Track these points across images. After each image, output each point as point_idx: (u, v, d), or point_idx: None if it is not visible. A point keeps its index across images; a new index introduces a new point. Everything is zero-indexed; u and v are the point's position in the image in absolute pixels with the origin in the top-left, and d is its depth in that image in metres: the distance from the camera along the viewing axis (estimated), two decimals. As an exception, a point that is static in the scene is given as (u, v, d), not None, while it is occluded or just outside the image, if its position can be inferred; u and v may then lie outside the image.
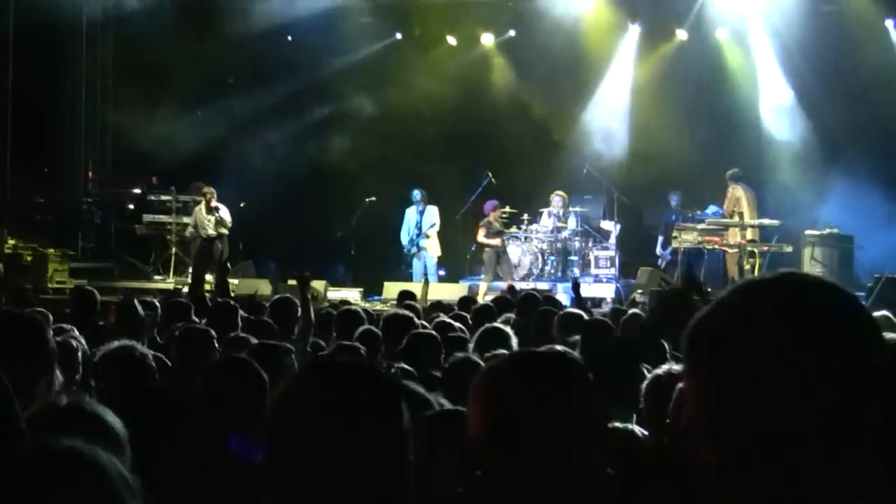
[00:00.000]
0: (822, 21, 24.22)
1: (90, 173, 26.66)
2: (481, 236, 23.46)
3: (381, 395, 2.66)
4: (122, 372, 6.33)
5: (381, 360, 8.13)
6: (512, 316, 11.40)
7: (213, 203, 22.71)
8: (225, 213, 22.81)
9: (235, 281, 22.85)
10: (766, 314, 1.95)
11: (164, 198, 24.99)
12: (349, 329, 9.75)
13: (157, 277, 24.18)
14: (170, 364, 7.38)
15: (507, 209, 24.19)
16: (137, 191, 26.24)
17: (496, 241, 23.38)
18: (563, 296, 19.94)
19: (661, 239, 24.18)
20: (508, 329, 8.22)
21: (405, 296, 14.69)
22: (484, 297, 18.88)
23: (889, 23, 24.66)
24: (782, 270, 2.06)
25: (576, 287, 14.48)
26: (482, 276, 23.53)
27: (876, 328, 1.99)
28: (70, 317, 10.31)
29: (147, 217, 25.06)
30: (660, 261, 23.97)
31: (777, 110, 25.10)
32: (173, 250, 24.40)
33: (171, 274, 24.15)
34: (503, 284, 21.61)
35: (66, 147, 26.12)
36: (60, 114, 25.76)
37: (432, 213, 24.09)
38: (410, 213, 24.13)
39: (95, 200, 26.31)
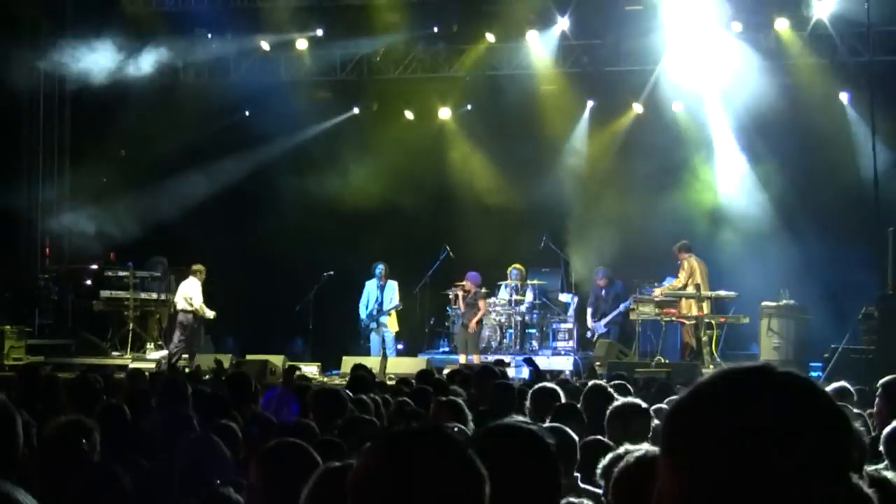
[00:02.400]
0: (777, 93, 24.50)
1: (47, 249, 26.56)
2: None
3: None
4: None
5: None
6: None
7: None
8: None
9: (193, 356, 22.87)
10: (754, 411, 1.97)
11: (121, 273, 24.88)
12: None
13: (114, 353, 24.04)
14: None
15: (463, 283, 24.26)
16: (94, 267, 26.09)
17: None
18: (524, 369, 20.04)
19: (589, 311, 24.33)
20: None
21: (359, 369, 14.69)
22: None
23: (843, 95, 24.96)
24: (759, 365, 2.09)
25: (530, 362, 14.60)
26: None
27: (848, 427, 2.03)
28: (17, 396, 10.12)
29: (104, 293, 24.93)
30: (589, 332, 24.10)
31: (732, 181, 25.31)
32: (131, 326, 24.28)
33: (129, 350, 24.03)
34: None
35: (23, 223, 26.03)
36: (17, 190, 25.67)
37: (393, 290, 24.08)
38: (370, 287, 24.11)
39: (52, 277, 26.17)
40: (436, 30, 26.34)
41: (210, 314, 23.73)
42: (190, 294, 23.48)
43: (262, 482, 5.10)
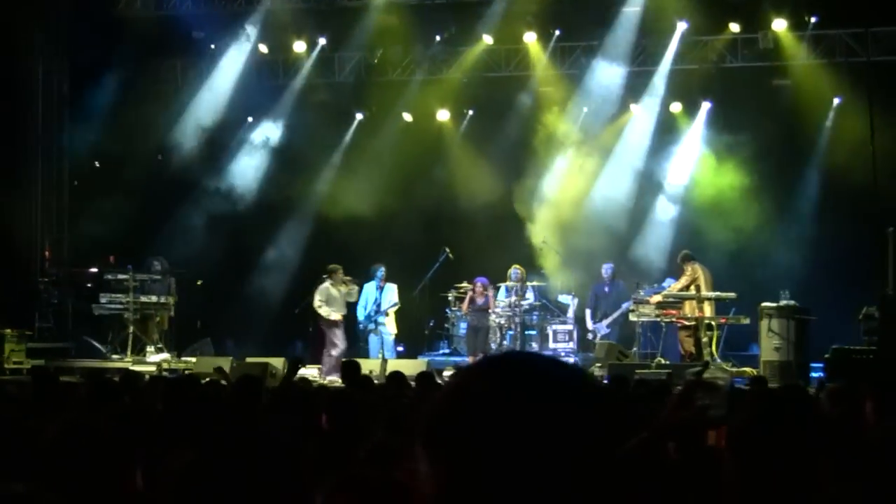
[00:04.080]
0: (775, 94, 24.68)
1: (47, 253, 26.54)
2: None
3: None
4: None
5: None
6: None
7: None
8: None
9: (193, 359, 22.84)
10: (490, 392, 2.01)
11: (121, 277, 24.81)
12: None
13: (114, 357, 24.02)
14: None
15: (464, 285, 24.33)
16: (94, 270, 26.06)
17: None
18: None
19: (588, 312, 24.19)
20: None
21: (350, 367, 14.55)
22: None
23: (836, 101, 25.00)
24: (505, 352, 2.13)
25: None
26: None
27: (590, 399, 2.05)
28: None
29: (104, 296, 24.89)
30: (590, 334, 24.00)
31: (730, 183, 25.29)
32: (131, 329, 24.23)
33: (129, 353, 24.00)
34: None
35: (23, 227, 26.01)
36: (17, 194, 25.67)
37: (392, 291, 24.06)
38: (369, 289, 24.08)
39: (52, 280, 26.14)
40: (438, 38, 26.40)
41: (326, 313, 23.41)
42: (315, 297, 23.56)
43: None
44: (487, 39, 26.14)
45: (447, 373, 17.79)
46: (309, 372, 21.59)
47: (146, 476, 5.28)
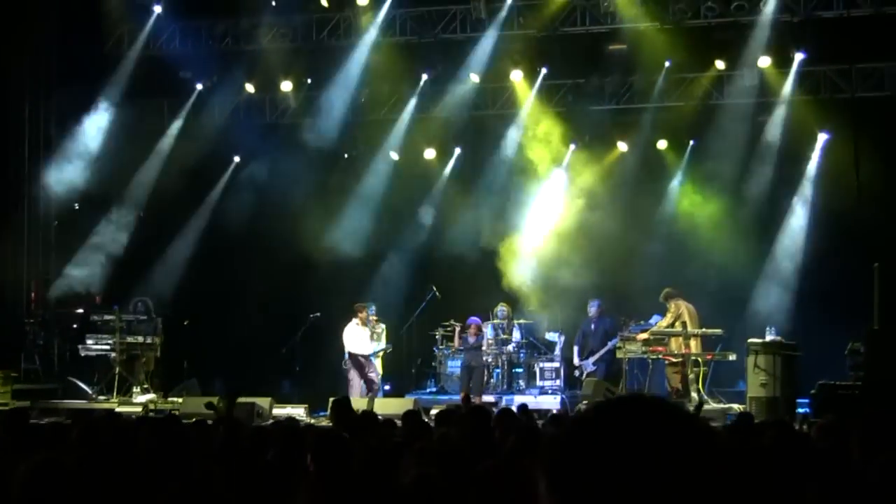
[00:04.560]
0: (761, 130, 24.77)
1: (33, 294, 26.45)
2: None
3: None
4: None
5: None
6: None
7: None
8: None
9: (180, 399, 22.75)
10: (618, 433, 2.03)
11: (107, 317, 24.76)
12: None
13: (101, 398, 23.92)
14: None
15: (452, 322, 24.33)
16: (81, 311, 25.98)
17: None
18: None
19: (576, 349, 24.11)
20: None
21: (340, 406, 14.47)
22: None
23: (821, 136, 25.04)
24: (629, 396, 2.14)
25: None
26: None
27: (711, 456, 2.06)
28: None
29: (90, 337, 24.83)
30: (577, 371, 23.91)
31: (719, 219, 25.32)
32: (117, 370, 24.16)
33: (115, 394, 23.91)
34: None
35: (9, 267, 25.94)
36: (2, 235, 25.61)
37: (383, 334, 24.14)
38: (360, 328, 24.15)
39: (38, 321, 26.05)
40: (425, 76, 26.43)
41: (349, 346, 23.85)
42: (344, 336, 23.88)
43: None
44: (474, 78, 26.15)
45: (434, 411, 17.67)
46: (295, 411, 21.57)
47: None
